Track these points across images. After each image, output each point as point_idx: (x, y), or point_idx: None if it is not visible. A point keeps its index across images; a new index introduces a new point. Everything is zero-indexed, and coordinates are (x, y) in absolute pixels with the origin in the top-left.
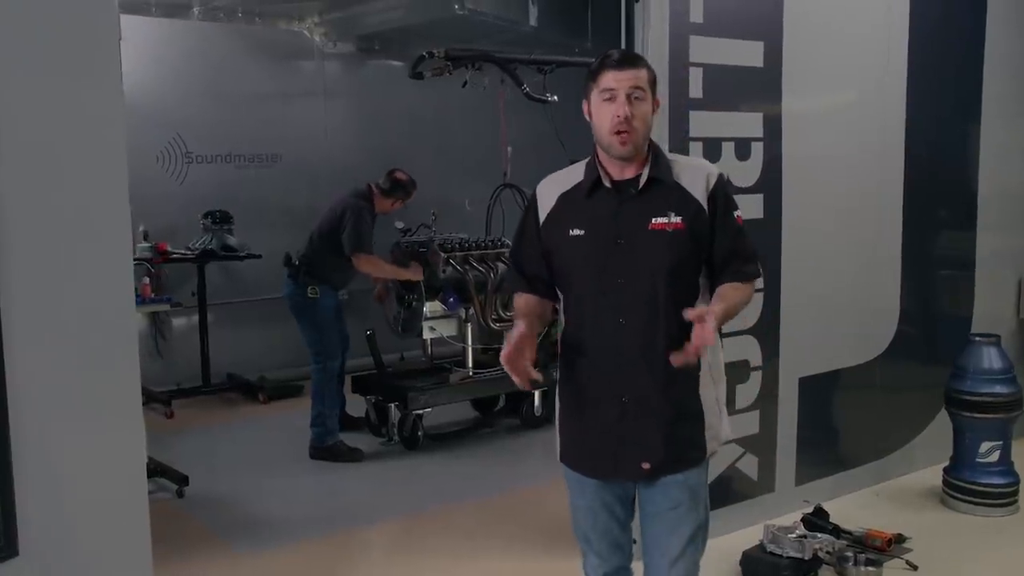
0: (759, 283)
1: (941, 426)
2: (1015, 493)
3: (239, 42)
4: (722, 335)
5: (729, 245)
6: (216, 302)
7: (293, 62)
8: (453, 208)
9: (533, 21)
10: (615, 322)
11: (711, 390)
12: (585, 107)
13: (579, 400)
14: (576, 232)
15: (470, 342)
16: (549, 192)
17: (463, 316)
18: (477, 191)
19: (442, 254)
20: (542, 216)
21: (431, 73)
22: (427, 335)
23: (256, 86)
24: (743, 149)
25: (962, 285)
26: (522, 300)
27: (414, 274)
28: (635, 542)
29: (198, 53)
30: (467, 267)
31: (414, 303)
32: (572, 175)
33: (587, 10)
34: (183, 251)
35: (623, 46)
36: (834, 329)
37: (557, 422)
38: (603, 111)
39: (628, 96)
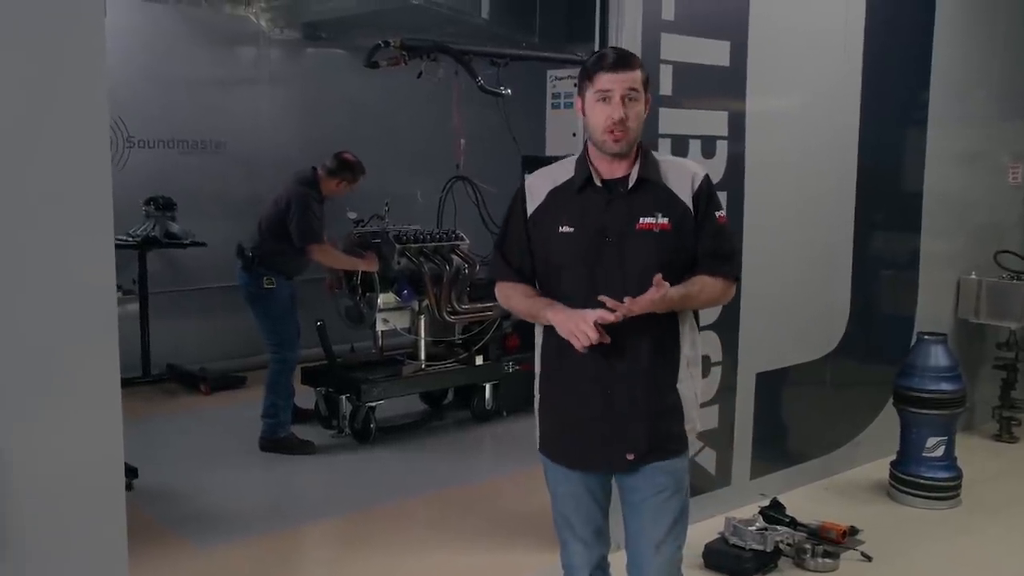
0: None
1: (886, 422)
2: (958, 486)
3: (184, 25)
4: (700, 328)
5: (709, 244)
6: (157, 290)
7: (238, 48)
8: (400, 199)
9: (485, 14)
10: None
11: (689, 384)
12: (578, 103)
13: (562, 393)
14: (566, 229)
15: (423, 335)
16: (539, 186)
17: (416, 308)
18: (427, 183)
19: (397, 245)
20: (531, 208)
21: (386, 63)
22: (380, 327)
23: (200, 71)
24: (709, 147)
25: (907, 285)
26: (519, 289)
27: (369, 265)
28: None
29: (142, 35)
30: (422, 259)
31: (367, 295)
32: (562, 170)
33: (536, 6)
34: (124, 237)
35: (597, 41)
36: (790, 326)
37: (537, 413)
38: (597, 111)
39: (623, 97)
